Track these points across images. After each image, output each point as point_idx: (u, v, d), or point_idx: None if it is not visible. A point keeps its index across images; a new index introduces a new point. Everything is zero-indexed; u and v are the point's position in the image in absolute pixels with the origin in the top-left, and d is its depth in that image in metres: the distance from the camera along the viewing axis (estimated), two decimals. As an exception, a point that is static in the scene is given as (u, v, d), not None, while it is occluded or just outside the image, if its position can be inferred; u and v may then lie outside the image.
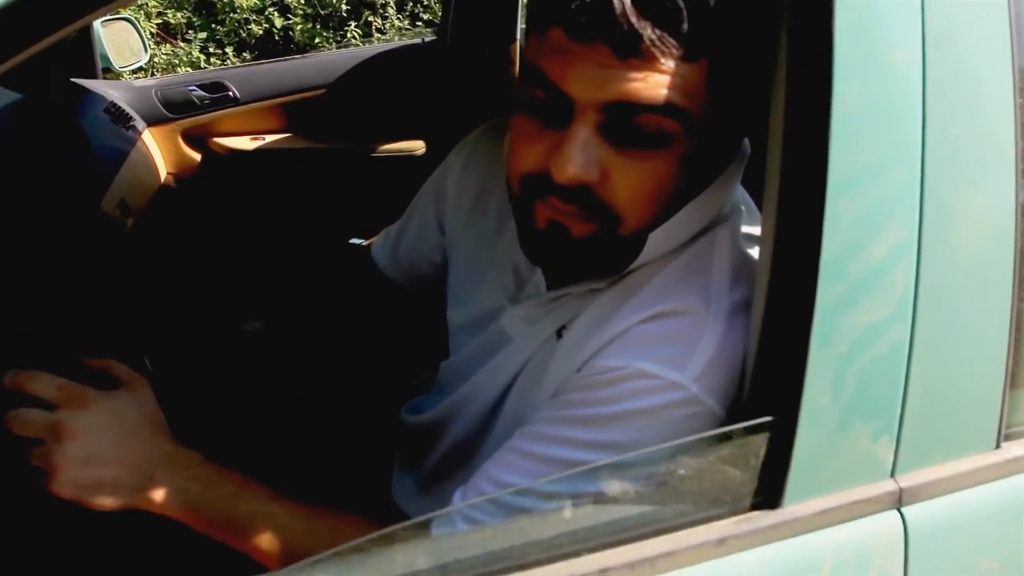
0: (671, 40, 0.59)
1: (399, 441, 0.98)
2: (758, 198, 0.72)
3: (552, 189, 0.64)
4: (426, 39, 2.10)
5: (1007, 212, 0.59)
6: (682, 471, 0.57)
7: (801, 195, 0.55)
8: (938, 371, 0.60)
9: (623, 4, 0.58)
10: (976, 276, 0.60)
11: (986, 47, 0.57)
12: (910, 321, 0.58)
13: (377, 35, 4.59)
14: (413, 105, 1.97)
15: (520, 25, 1.99)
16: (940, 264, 0.57)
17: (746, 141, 0.72)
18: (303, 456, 1.00)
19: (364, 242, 1.96)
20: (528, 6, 0.68)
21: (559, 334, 0.73)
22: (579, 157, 0.61)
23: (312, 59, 1.97)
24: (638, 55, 0.59)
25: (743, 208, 0.73)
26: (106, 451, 0.68)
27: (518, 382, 0.76)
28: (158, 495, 0.68)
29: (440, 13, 2.14)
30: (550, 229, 0.66)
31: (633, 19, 0.58)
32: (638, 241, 0.67)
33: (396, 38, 3.79)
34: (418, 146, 1.99)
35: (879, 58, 0.54)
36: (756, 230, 0.71)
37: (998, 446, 0.65)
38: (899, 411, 0.60)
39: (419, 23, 4.60)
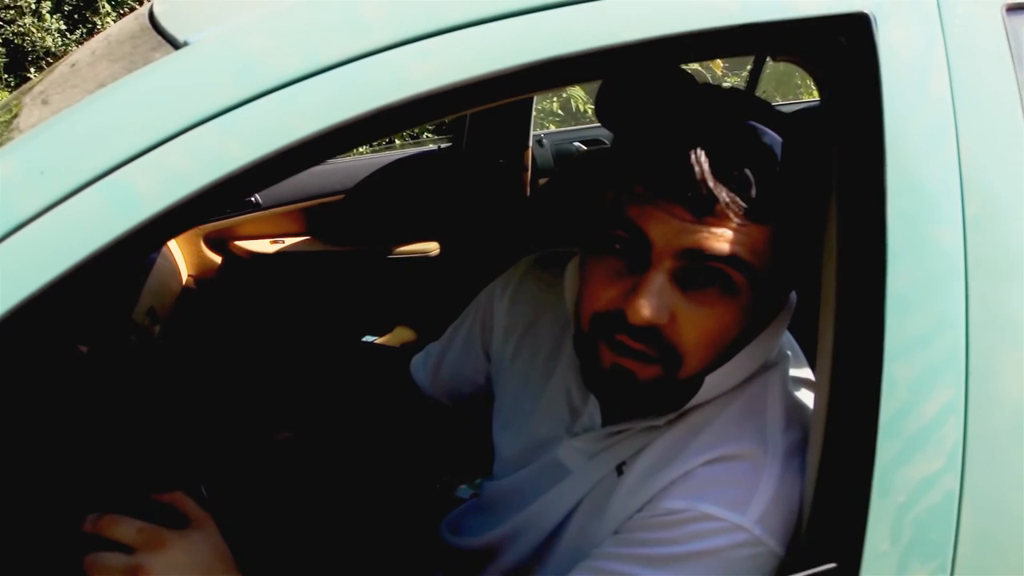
0: (741, 204, 0.65)
1: (440, 557, 1.00)
2: (800, 341, 0.78)
3: (624, 328, 0.69)
4: (442, 146, 2.19)
5: (1042, 368, 0.65)
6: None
7: (859, 361, 0.60)
8: (987, 514, 0.65)
9: (702, 169, 0.64)
10: (1019, 427, 0.65)
11: (1019, 223, 0.64)
12: (960, 472, 0.63)
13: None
14: (428, 208, 2.04)
15: (532, 133, 2.08)
16: (986, 419, 0.63)
17: (793, 293, 0.78)
18: (347, 570, 1.01)
19: (377, 339, 2.00)
20: (610, 162, 0.74)
21: (620, 470, 0.77)
22: (654, 301, 0.67)
23: (331, 166, 2.05)
24: (713, 214, 0.65)
25: (789, 353, 0.79)
26: (183, 590, 0.70)
27: (577, 514, 0.80)
28: (235, 630, 0.70)
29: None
30: (614, 371, 0.71)
31: (710, 183, 0.64)
32: (695, 382, 0.72)
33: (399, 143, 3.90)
34: (433, 247, 2.06)
35: (926, 238, 0.61)
36: (803, 373, 0.77)
37: (1041, 583, 0.69)
38: (952, 553, 0.64)
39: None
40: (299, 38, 0.57)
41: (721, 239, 0.65)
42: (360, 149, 3.80)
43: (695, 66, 4.00)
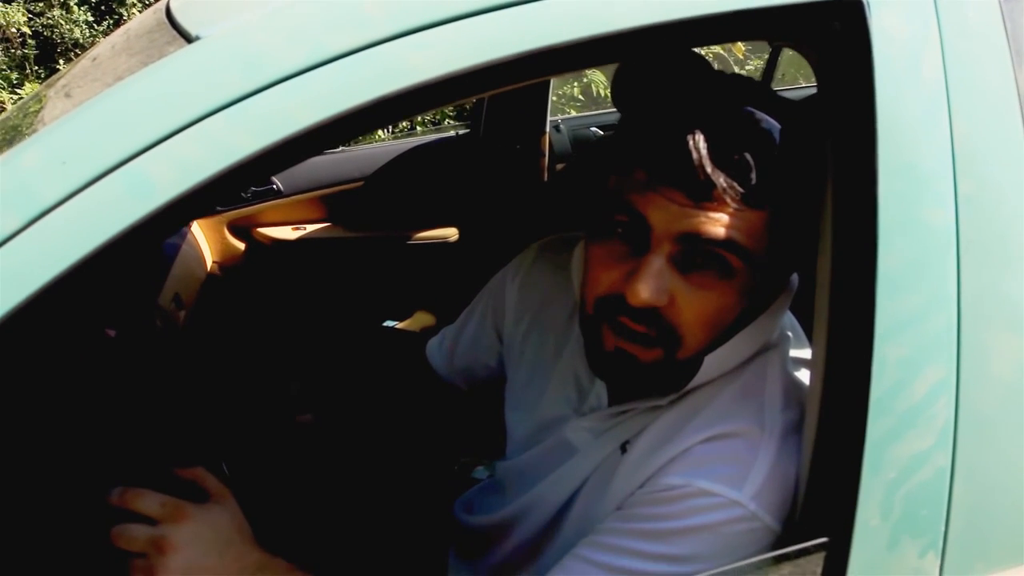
0: (739, 189, 0.67)
1: (454, 535, 1.03)
2: (803, 322, 0.79)
3: (625, 310, 0.71)
4: (459, 132, 2.21)
5: (1035, 348, 0.66)
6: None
7: (851, 341, 0.61)
8: (978, 491, 0.66)
9: (699, 155, 0.66)
10: (1010, 406, 0.66)
11: (1011, 204, 0.65)
12: (951, 449, 0.64)
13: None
14: (447, 195, 2.07)
15: (549, 118, 2.09)
16: (978, 398, 0.64)
17: (795, 275, 0.79)
18: (363, 547, 1.04)
19: (397, 324, 2.04)
20: (612, 148, 0.76)
21: (623, 448, 0.79)
22: (653, 283, 0.69)
23: (351, 153, 2.08)
24: (710, 199, 0.67)
25: (790, 334, 0.80)
26: (205, 562, 0.73)
27: (583, 492, 0.82)
28: (254, 602, 0.73)
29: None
30: (617, 354, 0.73)
31: (708, 169, 0.66)
32: (695, 363, 0.74)
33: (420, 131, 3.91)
34: (451, 233, 2.08)
35: (918, 219, 0.62)
36: (803, 354, 0.78)
37: (1035, 559, 0.70)
38: (943, 529, 0.66)
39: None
40: (304, 31, 0.59)
41: (718, 223, 0.67)
42: (380, 135, 3.83)
43: (717, 49, 3.97)
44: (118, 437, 0.95)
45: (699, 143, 0.66)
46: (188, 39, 0.64)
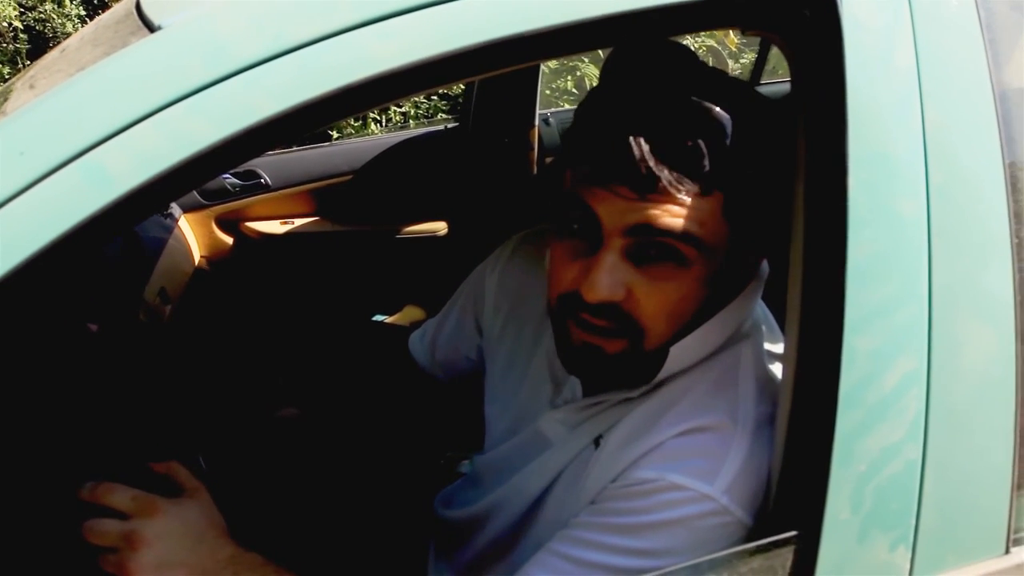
0: (686, 179, 0.66)
1: (434, 530, 1.03)
2: (779, 315, 0.79)
3: (584, 307, 0.70)
4: (448, 126, 2.20)
5: (1008, 339, 0.65)
6: (714, 583, 0.62)
7: (821, 333, 0.61)
8: (949, 484, 0.66)
9: (641, 150, 0.65)
10: (981, 398, 0.65)
11: (983, 195, 0.64)
12: (922, 442, 0.63)
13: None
14: (435, 188, 2.06)
15: (539, 112, 2.08)
16: (949, 390, 0.63)
17: (764, 262, 0.78)
18: (342, 543, 1.04)
19: (387, 318, 2.03)
20: (564, 142, 0.75)
21: (597, 442, 0.78)
22: (606, 279, 0.69)
23: (339, 146, 2.07)
24: (655, 191, 0.66)
25: (764, 327, 0.79)
26: (176, 556, 0.73)
27: (557, 486, 0.81)
28: (226, 596, 0.73)
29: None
30: (584, 347, 0.73)
31: (651, 163, 0.65)
32: (663, 353, 0.74)
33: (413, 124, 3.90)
34: (440, 227, 2.08)
35: (888, 209, 0.61)
36: (777, 347, 0.78)
37: (1007, 551, 0.70)
38: (914, 522, 0.65)
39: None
40: (266, 20, 0.58)
41: (668, 214, 0.66)
42: (374, 129, 3.82)
43: (711, 42, 3.96)
44: (94, 432, 0.95)
45: (641, 137, 0.65)
46: (151, 29, 0.63)
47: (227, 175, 1.98)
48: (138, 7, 0.72)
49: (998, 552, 0.69)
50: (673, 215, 0.66)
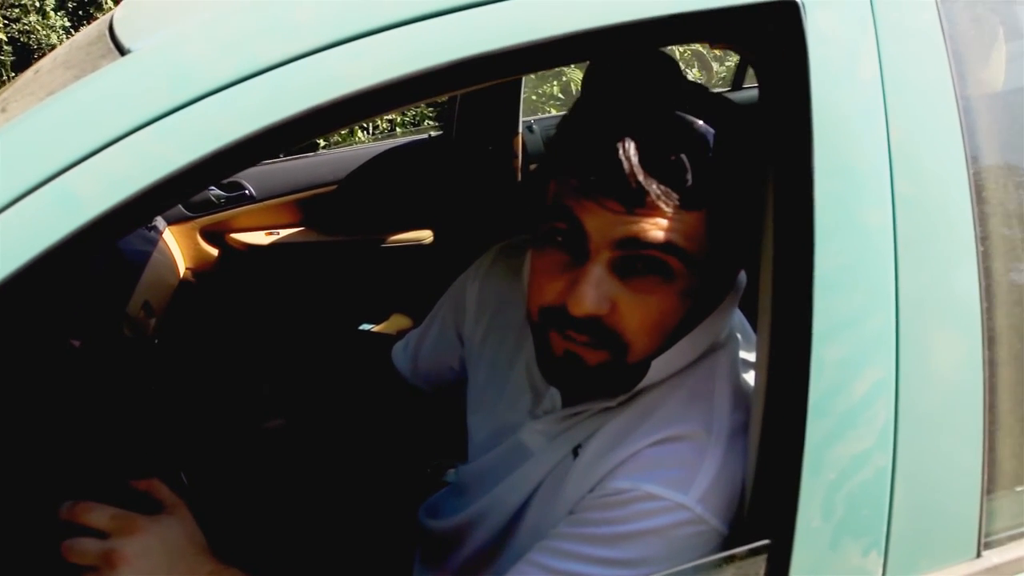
0: (674, 194, 0.66)
1: (419, 540, 1.03)
2: (754, 324, 0.79)
3: (568, 321, 0.71)
4: (432, 134, 2.21)
5: (975, 346, 0.66)
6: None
7: (790, 343, 0.62)
8: (920, 490, 0.66)
9: (631, 164, 0.66)
10: (950, 405, 0.66)
11: (949, 204, 0.65)
12: (891, 450, 0.64)
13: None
14: (420, 197, 2.06)
15: (522, 119, 2.09)
16: (918, 398, 0.64)
17: (742, 274, 0.79)
18: (327, 553, 1.04)
19: (373, 327, 2.03)
20: (550, 152, 0.76)
21: (575, 452, 0.79)
22: (593, 293, 0.69)
23: (324, 156, 2.07)
24: (644, 206, 0.67)
25: (739, 335, 0.80)
26: (156, 574, 0.73)
27: (537, 496, 0.82)
28: (205, 614, 0.73)
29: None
30: (566, 357, 0.73)
31: (640, 177, 0.66)
32: (644, 366, 0.74)
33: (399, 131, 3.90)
34: (426, 235, 2.08)
35: (854, 220, 0.62)
36: (752, 355, 0.78)
37: (979, 555, 0.70)
38: (886, 528, 0.66)
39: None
40: (234, 43, 0.59)
41: (655, 228, 0.67)
42: (360, 137, 3.82)
43: (696, 45, 3.97)
44: (76, 450, 0.95)
45: (629, 151, 0.66)
46: (122, 52, 0.63)
47: (211, 186, 1.97)
48: (111, 29, 0.73)
49: (970, 556, 0.70)
50: (661, 228, 0.67)
